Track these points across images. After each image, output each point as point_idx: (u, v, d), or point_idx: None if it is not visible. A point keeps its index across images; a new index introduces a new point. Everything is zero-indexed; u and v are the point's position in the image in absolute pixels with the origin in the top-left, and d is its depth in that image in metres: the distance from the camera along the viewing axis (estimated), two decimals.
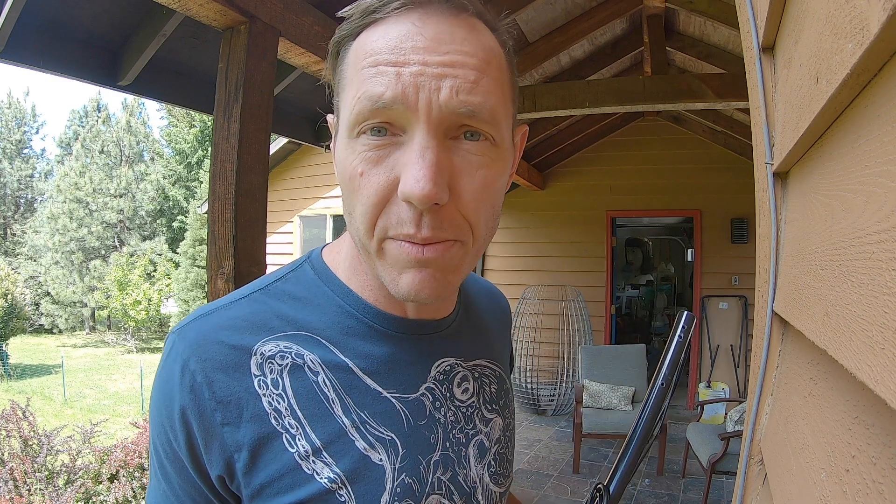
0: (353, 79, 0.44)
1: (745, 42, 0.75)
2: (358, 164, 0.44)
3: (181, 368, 0.47)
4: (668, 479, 3.78)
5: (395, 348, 0.53)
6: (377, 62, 0.42)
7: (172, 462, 0.49)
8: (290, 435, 0.47)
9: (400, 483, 0.50)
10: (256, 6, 1.67)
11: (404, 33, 0.42)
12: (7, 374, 12.26)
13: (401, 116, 0.42)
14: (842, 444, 0.37)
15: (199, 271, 15.06)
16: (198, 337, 0.48)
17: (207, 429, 0.46)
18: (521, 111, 3.49)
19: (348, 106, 0.44)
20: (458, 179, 0.44)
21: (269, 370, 0.48)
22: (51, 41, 1.83)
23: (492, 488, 0.58)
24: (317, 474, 0.47)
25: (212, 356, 0.47)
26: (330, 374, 0.50)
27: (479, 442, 0.57)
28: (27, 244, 21.03)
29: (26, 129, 23.24)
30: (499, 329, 0.68)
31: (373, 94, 0.42)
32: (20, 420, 3.49)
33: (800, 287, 0.52)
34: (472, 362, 0.59)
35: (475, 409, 0.58)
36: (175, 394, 0.47)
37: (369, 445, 0.50)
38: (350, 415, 0.49)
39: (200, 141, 23.44)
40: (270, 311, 0.51)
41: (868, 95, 0.34)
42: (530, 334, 5.67)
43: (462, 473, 0.55)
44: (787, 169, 0.64)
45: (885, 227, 0.29)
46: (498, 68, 0.45)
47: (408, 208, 0.42)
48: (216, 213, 1.62)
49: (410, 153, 0.42)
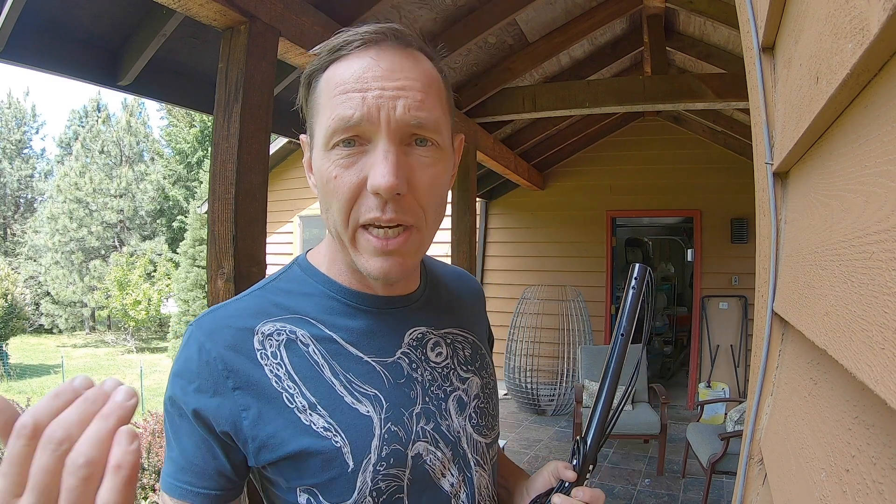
0: (327, 104, 0.56)
1: (745, 42, 0.75)
2: (333, 169, 0.56)
3: (198, 349, 0.58)
4: (668, 479, 3.77)
5: (371, 321, 0.64)
6: (346, 90, 0.54)
7: (185, 422, 0.58)
8: (288, 394, 0.58)
9: (387, 430, 0.60)
10: (256, 6, 1.67)
11: (365, 66, 0.54)
12: (7, 374, 12.25)
13: (366, 130, 0.54)
14: (842, 444, 0.37)
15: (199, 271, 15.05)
16: (211, 324, 0.60)
17: (221, 393, 0.57)
18: (521, 111, 3.50)
19: (323, 125, 0.56)
20: (413, 175, 0.56)
21: (269, 345, 0.59)
22: (51, 41, 1.83)
23: (476, 438, 0.67)
24: (313, 424, 0.57)
25: (223, 337, 0.58)
26: (318, 345, 0.61)
27: (457, 397, 0.67)
28: (27, 244, 21.03)
29: (26, 129, 23.23)
30: (472, 305, 0.79)
31: (344, 115, 0.54)
32: None
33: (800, 287, 0.52)
34: (442, 330, 0.70)
35: (451, 369, 0.68)
36: (193, 369, 0.57)
37: (356, 400, 0.60)
38: (338, 376, 0.60)
39: (200, 141, 23.43)
40: (268, 302, 0.63)
41: (868, 95, 0.34)
42: (530, 334, 5.67)
43: (444, 424, 0.64)
44: (787, 169, 0.64)
45: (885, 227, 0.29)
46: (437, 89, 0.59)
47: (374, 199, 0.54)
48: (216, 213, 1.62)
49: (376, 156, 0.54)
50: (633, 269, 0.65)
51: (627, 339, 0.65)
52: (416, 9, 2.52)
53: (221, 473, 0.58)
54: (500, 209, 6.29)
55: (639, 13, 3.50)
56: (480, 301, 0.82)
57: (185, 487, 0.58)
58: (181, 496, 0.58)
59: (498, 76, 3.32)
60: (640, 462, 4.11)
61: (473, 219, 3.61)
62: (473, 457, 0.66)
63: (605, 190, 5.80)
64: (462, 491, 0.64)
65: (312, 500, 0.58)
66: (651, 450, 4.31)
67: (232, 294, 1.54)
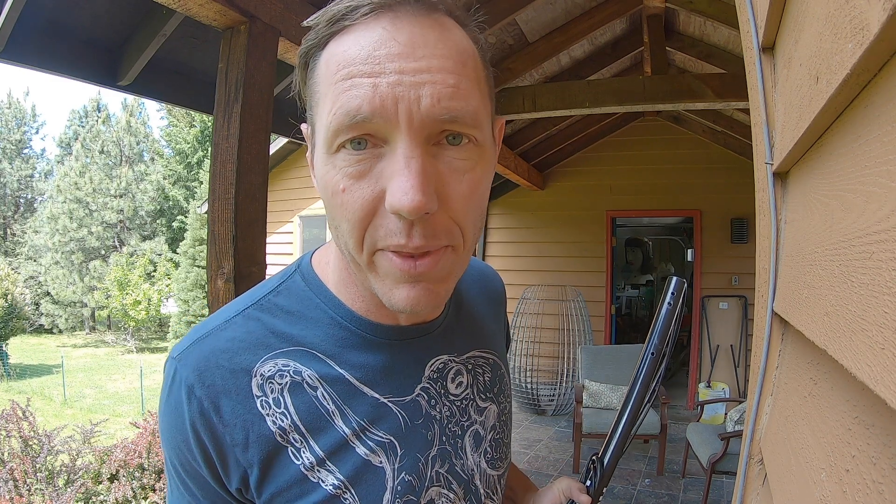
0: (327, 92, 0.42)
1: (745, 42, 0.75)
2: (339, 179, 0.42)
3: (187, 395, 0.48)
4: (668, 479, 3.77)
5: (388, 355, 0.54)
6: (351, 74, 0.41)
7: (194, 479, 0.51)
8: (294, 448, 0.50)
9: (400, 481, 0.52)
10: (256, 6, 1.67)
11: (377, 40, 0.40)
12: (7, 374, 12.25)
13: (381, 128, 0.41)
14: (842, 444, 0.37)
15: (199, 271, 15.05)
16: (198, 362, 0.49)
17: (221, 448, 0.49)
18: (521, 111, 3.49)
19: (324, 120, 0.43)
20: (446, 186, 0.43)
21: (270, 390, 0.49)
22: (51, 41, 1.83)
23: (489, 473, 0.61)
24: (322, 482, 0.50)
25: (214, 382, 0.49)
26: (328, 387, 0.51)
27: (474, 432, 0.59)
28: (27, 244, 21.03)
29: (26, 129, 23.23)
30: (493, 314, 0.69)
31: (349, 108, 0.40)
32: (20, 420, 3.49)
33: (800, 287, 0.52)
34: (465, 355, 0.61)
35: (469, 400, 0.60)
36: (186, 418, 0.49)
37: (370, 450, 0.51)
38: (350, 424, 0.51)
39: (200, 141, 23.43)
40: (265, 329, 0.51)
41: (868, 95, 0.34)
42: (530, 334, 5.67)
43: (459, 464, 0.57)
44: (787, 169, 0.64)
45: (885, 227, 0.29)
46: (474, 68, 0.45)
47: (396, 220, 0.41)
48: (216, 213, 1.62)
49: (395, 164, 0.41)
50: (668, 283, 0.58)
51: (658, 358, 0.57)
52: None
53: None
54: (500, 209, 6.29)
55: (639, 13, 3.50)
56: (502, 304, 0.73)
57: None
58: None
59: (498, 76, 3.32)
60: (640, 462, 4.11)
61: None
62: (485, 490, 0.61)
63: (605, 190, 5.80)
64: None
65: None
66: (651, 450, 4.31)
67: (232, 295, 1.54)
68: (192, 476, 0.51)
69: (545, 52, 3.28)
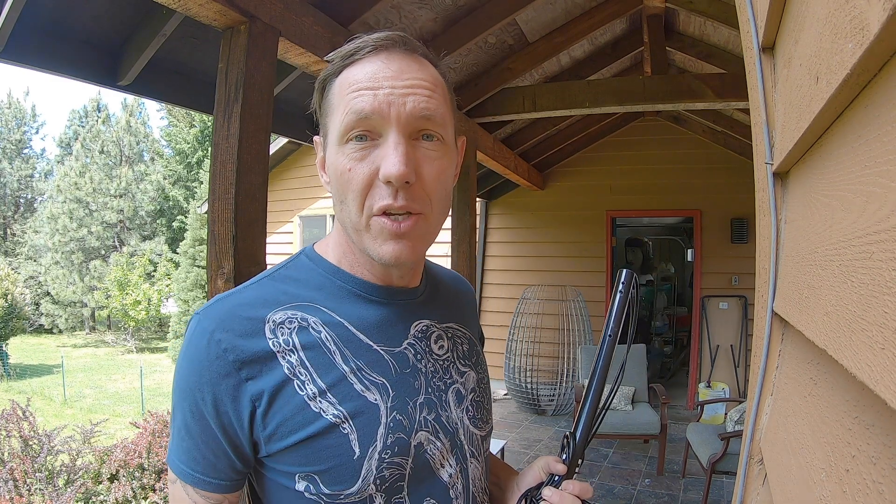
0: (340, 103, 0.59)
1: (745, 42, 0.75)
2: (347, 162, 0.59)
3: (207, 340, 0.58)
4: (668, 479, 3.77)
5: (380, 311, 0.66)
6: (358, 88, 0.58)
7: (198, 420, 0.58)
8: (300, 381, 0.59)
9: (392, 419, 0.61)
10: (256, 6, 1.67)
11: (376, 68, 0.59)
12: (7, 374, 12.25)
13: (377, 124, 0.58)
14: (842, 444, 0.37)
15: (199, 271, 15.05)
16: (220, 313, 0.60)
17: (235, 385, 0.57)
18: (521, 111, 3.49)
19: (337, 122, 0.59)
20: (421, 167, 0.59)
21: (281, 332, 0.60)
22: (51, 41, 1.83)
23: (472, 430, 0.70)
24: (323, 412, 0.58)
25: (234, 327, 0.58)
26: (330, 331, 0.62)
27: (455, 390, 0.69)
28: (27, 244, 21.02)
29: (26, 129, 23.22)
30: (467, 305, 0.82)
31: (358, 109, 0.57)
32: (20, 420, 3.49)
33: (800, 287, 0.52)
34: (444, 324, 0.72)
35: (451, 362, 0.70)
36: (203, 361, 0.57)
37: (365, 388, 0.61)
38: (349, 363, 0.61)
39: (200, 141, 23.42)
40: (277, 290, 0.63)
41: (868, 95, 0.34)
42: (530, 334, 5.67)
43: (444, 415, 0.67)
44: (787, 169, 0.64)
45: (885, 227, 0.29)
46: (443, 90, 0.63)
47: (386, 187, 0.57)
48: (216, 213, 1.62)
49: (387, 148, 0.57)
50: (620, 275, 0.69)
51: (614, 340, 0.68)
52: (416, 9, 2.52)
53: (232, 468, 0.60)
54: (500, 209, 6.29)
55: (639, 13, 3.49)
56: (473, 305, 0.85)
57: (198, 476, 0.60)
58: (194, 483, 0.60)
59: (498, 76, 3.32)
60: (640, 462, 4.11)
61: (473, 219, 3.61)
62: (469, 448, 0.69)
63: (605, 190, 5.80)
64: (459, 481, 0.66)
65: (311, 486, 0.58)
66: (651, 450, 4.31)
67: None
68: (196, 418, 0.58)
69: (545, 52, 3.28)
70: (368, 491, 0.58)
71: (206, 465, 0.59)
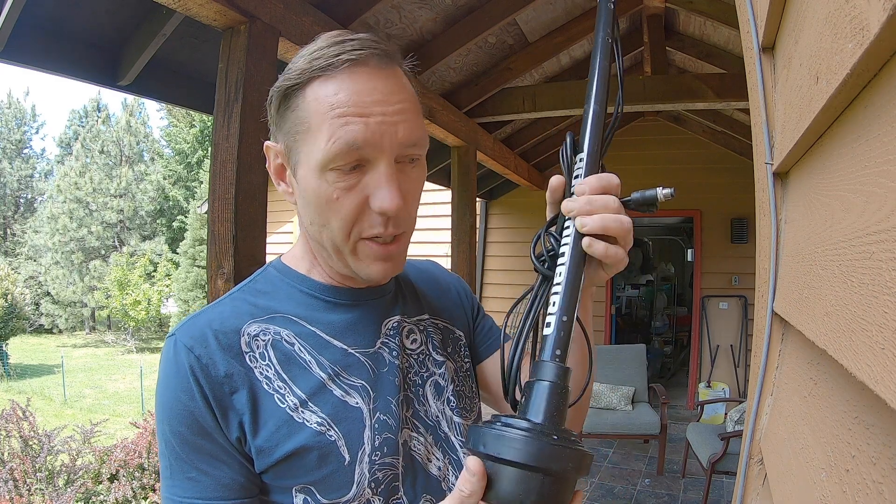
0: (322, 125, 0.55)
1: (745, 42, 0.75)
2: (332, 191, 0.56)
3: (186, 355, 0.56)
4: (668, 479, 3.77)
5: (349, 314, 0.65)
6: (345, 114, 0.54)
7: (202, 436, 0.56)
8: (279, 395, 0.58)
9: (377, 419, 0.61)
10: (256, 6, 1.67)
11: (361, 88, 0.55)
12: (7, 374, 12.25)
13: (368, 154, 0.55)
14: (842, 444, 0.37)
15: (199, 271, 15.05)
16: (193, 331, 0.58)
17: (221, 399, 0.56)
18: (521, 111, 3.49)
19: (319, 147, 0.55)
20: (407, 192, 0.59)
21: (256, 346, 0.59)
22: (51, 41, 1.83)
23: (456, 420, 0.69)
24: (306, 422, 0.58)
25: (209, 342, 0.57)
26: (303, 341, 0.61)
27: (434, 382, 0.69)
28: (27, 244, 21.03)
29: (26, 129, 23.24)
30: (435, 286, 0.80)
31: (349, 140, 0.54)
32: (20, 420, 3.49)
33: (800, 287, 0.52)
34: (414, 318, 0.72)
35: (426, 355, 0.70)
36: (188, 377, 0.56)
37: (345, 392, 0.61)
38: (325, 369, 0.61)
39: (200, 141, 23.43)
40: (248, 304, 0.63)
41: (868, 95, 0.34)
42: None
43: (422, 410, 0.66)
44: (787, 169, 0.64)
45: (885, 227, 0.29)
46: (418, 104, 0.61)
47: (378, 216, 0.57)
48: (216, 213, 1.62)
49: (379, 178, 0.56)
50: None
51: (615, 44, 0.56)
52: (416, 9, 2.52)
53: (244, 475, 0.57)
54: (500, 209, 6.29)
55: (639, 13, 3.50)
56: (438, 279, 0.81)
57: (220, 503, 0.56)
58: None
59: (498, 76, 3.32)
60: (640, 462, 4.11)
61: (473, 219, 3.61)
62: (456, 438, 0.68)
63: None
64: (450, 473, 0.66)
65: (309, 498, 0.57)
66: (651, 450, 4.31)
67: None
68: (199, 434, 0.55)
69: (545, 52, 3.28)
70: (365, 496, 0.58)
71: (218, 488, 0.56)
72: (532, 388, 0.45)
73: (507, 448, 0.40)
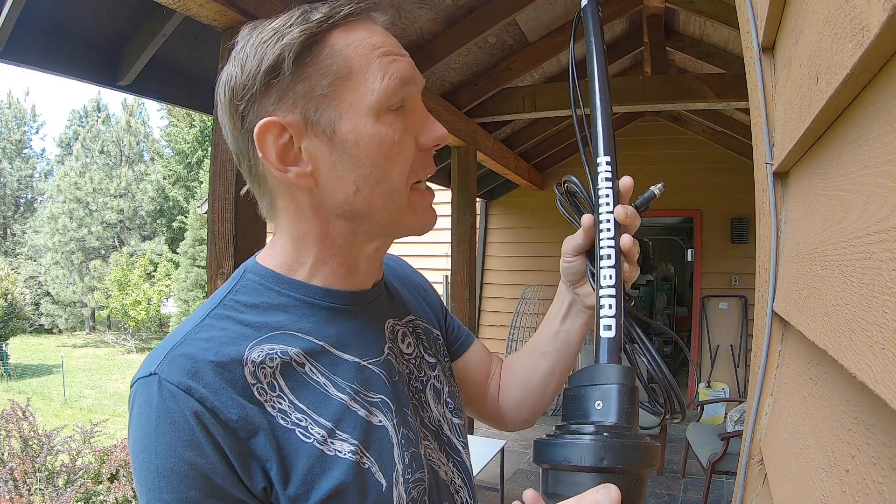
0: (368, 66, 0.52)
1: (745, 42, 0.75)
2: (393, 133, 0.53)
3: (185, 403, 0.46)
4: (668, 479, 3.77)
5: (354, 321, 0.58)
6: (388, 52, 0.53)
7: (220, 498, 0.46)
8: (301, 428, 0.50)
9: (402, 436, 0.56)
10: (256, 6, 1.67)
11: (383, 33, 0.55)
12: (7, 374, 12.25)
13: (412, 91, 0.56)
14: (842, 444, 0.37)
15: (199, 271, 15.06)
16: (185, 365, 0.47)
17: (238, 448, 0.47)
18: (521, 111, 3.49)
19: (372, 88, 0.52)
20: None
21: (263, 375, 0.50)
22: (51, 41, 1.83)
23: (455, 422, 0.67)
24: (339, 453, 0.50)
25: (209, 379, 0.47)
26: (314, 360, 0.53)
27: (432, 385, 0.66)
28: (27, 244, 21.03)
29: (26, 129, 23.23)
30: (407, 283, 0.76)
31: (403, 75, 0.54)
32: (20, 420, 3.49)
33: (800, 287, 0.52)
34: (405, 319, 0.68)
35: (420, 358, 0.66)
36: (192, 427, 0.45)
37: (369, 412, 0.54)
38: (344, 390, 0.54)
39: (200, 141, 23.43)
40: (237, 323, 0.52)
41: (868, 95, 0.34)
42: (530, 334, 5.65)
43: (426, 416, 0.63)
44: (787, 169, 0.64)
45: (885, 227, 0.29)
46: None
47: (425, 155, 0.58)
48: (216, 213, 1.62)
49: (423, 114, 0.57)
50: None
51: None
52: (416, 9, 2.52)
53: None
54: (500, 209, 6.29)
55: (639, 13, 3.50)
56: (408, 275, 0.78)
57: None
58: None
59: (498, 76, 3.32)
60: None
61: (473, 219, 3.61)
62: (457, 440, 0.66)
63: None
64: (456, 476, 0.64)
65: None
66: None
67: None
68: (209, 493, 0.45)
69: (545, 52, 3.28)
70: None
71: None
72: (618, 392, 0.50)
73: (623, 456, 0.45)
